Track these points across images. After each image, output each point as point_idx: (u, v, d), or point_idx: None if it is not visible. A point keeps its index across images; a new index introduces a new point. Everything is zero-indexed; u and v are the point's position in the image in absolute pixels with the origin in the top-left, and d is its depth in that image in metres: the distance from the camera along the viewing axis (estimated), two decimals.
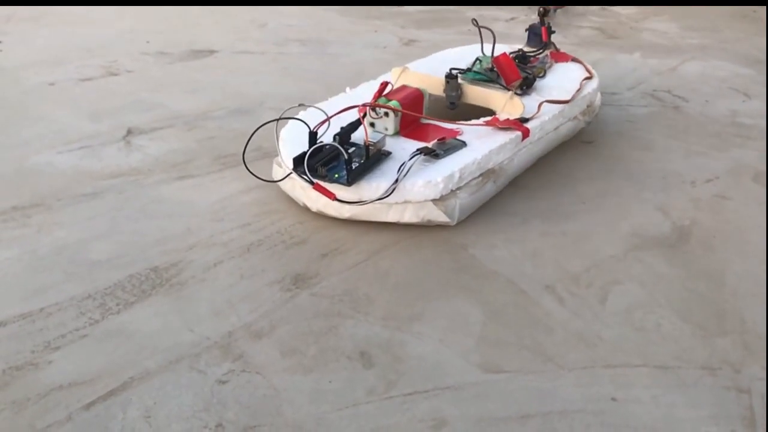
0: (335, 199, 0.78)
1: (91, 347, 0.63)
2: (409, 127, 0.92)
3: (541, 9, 1.18)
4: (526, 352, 0.64)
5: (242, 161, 0.84)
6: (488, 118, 0.94)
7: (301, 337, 0.65)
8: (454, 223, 0.82)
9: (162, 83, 1.36)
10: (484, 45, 1.12)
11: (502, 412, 0.58)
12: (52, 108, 1.24)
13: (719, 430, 0.56)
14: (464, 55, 1.17)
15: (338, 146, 0.79)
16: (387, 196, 0.79)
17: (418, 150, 0.83)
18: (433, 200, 0.81)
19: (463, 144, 0.88)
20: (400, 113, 0.90)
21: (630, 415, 0.58)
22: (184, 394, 0.58)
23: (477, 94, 1.00)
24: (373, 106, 0.90)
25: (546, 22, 1.15)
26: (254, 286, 0.72)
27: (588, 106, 1.06)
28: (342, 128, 0.84)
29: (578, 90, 1.03)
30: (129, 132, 1.12)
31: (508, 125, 0.91)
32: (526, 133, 0.91)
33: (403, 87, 0.97)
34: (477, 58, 1.08)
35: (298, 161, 0.81)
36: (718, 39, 1.66)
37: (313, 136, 0.81)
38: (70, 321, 0.66)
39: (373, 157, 0.83)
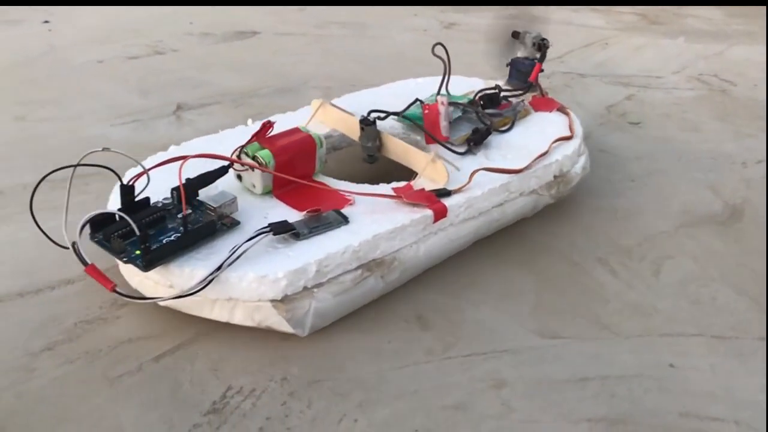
0: (112, 289, 0.54)
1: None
2: (286, 186, 0.66)
3: (537, 38, 0.90)
4: (581, 320, 0.65)
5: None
6: (402, 184, 0.69)
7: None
8: (305, 334, 0.59)
9: (207, 62, 1.38)
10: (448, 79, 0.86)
11: (560, 374, 0.58)
12: (102, 84, 1.27)
13: None
14: (432, 87, 0.89)
15: (122, 214, 0.55)
16: (199, 289, 0.55)
17: (268, 226, 0.59)
18: (273, 301, 0.57)
19: (343, 221, 0.62)
20: (272, 165, 0.64)
21: (688, 381, 0.58)
22: (250, 350, 0.60)
23: (397, 148, 0.73)
24: (232, 161, 0.65)
25: (542, 55, 0.88)
26: None
27: (557, 177, 0.76)
28: (188, 180, 0.61)
29: (541, 155, 0.74)
30: (178, 107, 1.15)
31: (416, 199, 0.65)
32: (440, 213, 0.64)
33: (294, 131, 0.69)
34: (417, 99, 0.82)
35: (96, 226, 0.58)
36: (764, 25, 1.64)
37: (127, 191, 0.59)
38: None
39: (205, 229, 0.58)
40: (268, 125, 0.68)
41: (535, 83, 0.88)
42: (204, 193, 0.63)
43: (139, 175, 0.60)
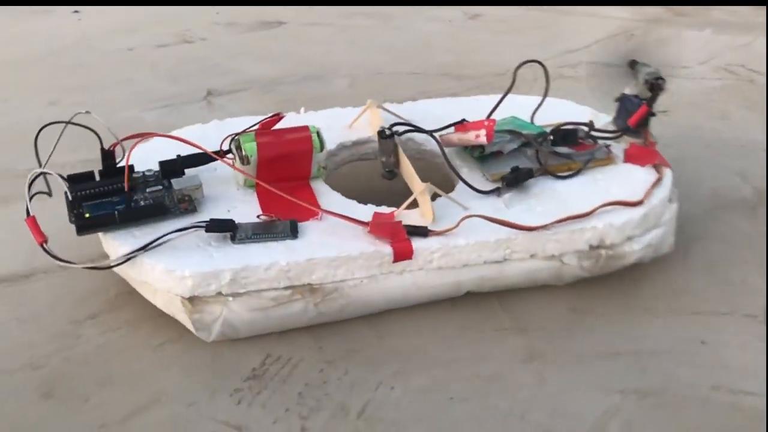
0: (41, 243, 0.55)
1: None
2: (269, 180, 0.61)
3: (652, 76, 0.71)
4: (613, 298, 0.66)
5: None
6: (387, 211, 0.61)
7: None
8: (209, 340, 0.57)
9: (235, 51, 1.40)
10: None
11: (591, 349, 0.59)
12: (133, 71, 1.29)
13: None
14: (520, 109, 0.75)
15: (62, 175, 0.58)
16: (112, 266, 0.56)
17: (208, 221, 0.56)
18: (183, 298, 0.55)
19: (291, 235, 0.57)
20: (254, 159, 0.61)
21: (720, 357, 0.59)
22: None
23: (404, 168, 0.64)
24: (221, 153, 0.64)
25: (653, 96, 0.70)
26: None
27: (596, 248, 0.61)
28: (178, 157, 0.63)
29: (573, 217, 0.60)
30: (209, 93, 1.17)
31: (380, 233, 0.57)
32: (401, 254, 0.56)
33: (298, 129, 0.64)
34: (462, 120, 0.70)
35: (75, 179, 0.60)
36: None
37: (106, 156, 0.61)
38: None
39: (151, 209, 0.59)
40: (276, 117, 0.67)
41: (636, 128, 0.70)
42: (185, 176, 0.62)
43: (114, 145, 0.61)
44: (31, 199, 0.58)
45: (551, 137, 0.70)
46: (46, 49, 1.40)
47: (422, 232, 0.57)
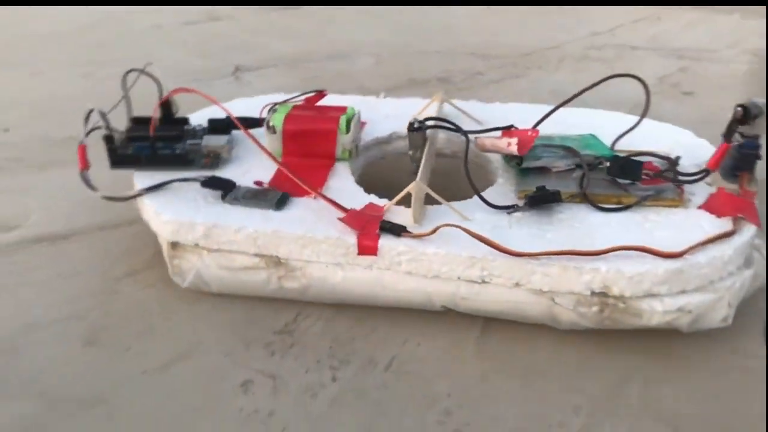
0: (82, 170, 0.62)
1: None
2: (294, 156, 0.64)
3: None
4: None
5: None
6: (382, 204, 0.58)
7: None
8: (183, 286, 0.61)
9: (261, 28, 1.43)
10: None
11: None
12: (163, 47, 1.32)
13: None
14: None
15: (101, 113, 0.63)
16: (122, 199, 0.62)
17: (209, 178, 0.61)
18: (168, 241, 0.59)
19: (273, 205, 0.58)
20: (279, 131, 0.64)
21: None
22: None
23: (423, 163, 0.61)
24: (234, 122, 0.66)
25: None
26: None
27: (599, 295, 0.52)
28: (226, 118, 0.67)
29: (573, 252, 0.51)
30: (237, 69, 1.19)
31: (351, 222, 0.55)
32: (365, 248, 0.54)
33: (335, 109, 0.66)
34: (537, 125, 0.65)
35: (136, 121, 0.67)
36: None
37: (165, 107, 0.67)
38: None
39: (174, 158, 0.64)
40: (318, 95, 0.70)
41: (718, 170, 0.58)
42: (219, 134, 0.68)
43: (165, 97, 0.68)
44: (87, 134, 0.64)
45: (608, 164, 0.60)
46: (78, 26, 1.44)
47: (396, 230, 0.54)
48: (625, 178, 0.59)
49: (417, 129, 0.61)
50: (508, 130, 0.63)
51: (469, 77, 1.14)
